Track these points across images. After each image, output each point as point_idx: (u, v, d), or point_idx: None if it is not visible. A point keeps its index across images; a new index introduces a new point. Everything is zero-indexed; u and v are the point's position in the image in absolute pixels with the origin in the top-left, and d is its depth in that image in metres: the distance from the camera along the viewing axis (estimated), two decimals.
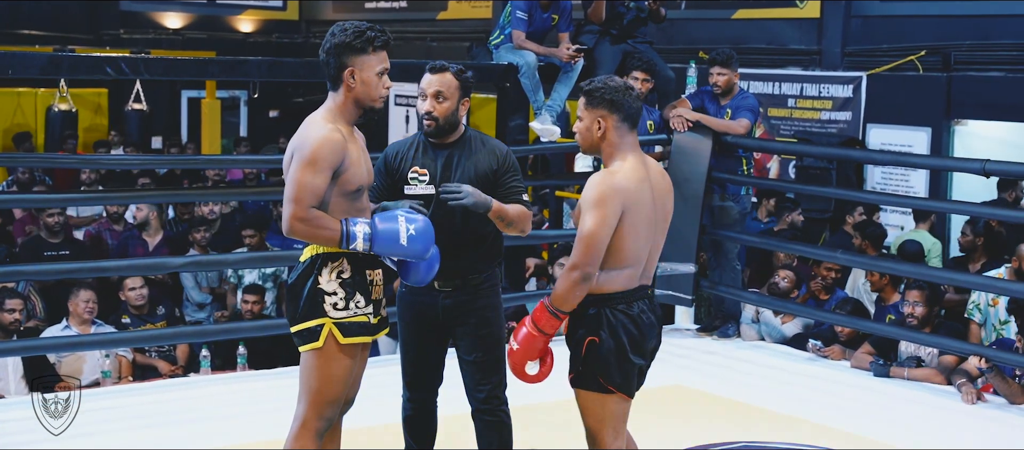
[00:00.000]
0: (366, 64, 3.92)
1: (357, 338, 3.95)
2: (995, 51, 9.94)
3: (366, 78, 3.92)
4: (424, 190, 4.40)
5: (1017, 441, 5.70)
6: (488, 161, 4.43)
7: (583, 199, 3.95)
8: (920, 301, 6.53)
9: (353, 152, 3.91)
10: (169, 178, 12.04)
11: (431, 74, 4.43)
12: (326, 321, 3.91)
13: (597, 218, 3.86)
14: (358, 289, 3.95)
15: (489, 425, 4.51)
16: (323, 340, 3.90)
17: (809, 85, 11.02)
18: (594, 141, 4.00)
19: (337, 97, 3.96)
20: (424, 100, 4.41)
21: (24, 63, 7.03)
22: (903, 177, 10.38)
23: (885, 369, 6.60)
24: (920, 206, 9.19)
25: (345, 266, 3.93)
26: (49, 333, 7.11)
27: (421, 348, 4.55)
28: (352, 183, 3.89)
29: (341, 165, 3.85)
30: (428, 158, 4.44)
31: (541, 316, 3.96)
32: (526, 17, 7.73)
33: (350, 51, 3.91)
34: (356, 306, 3.94)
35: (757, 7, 11.74)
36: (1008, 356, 6.24)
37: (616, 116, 3.97)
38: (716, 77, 7.41)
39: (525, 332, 4.00)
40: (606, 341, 3.95)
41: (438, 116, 4.39)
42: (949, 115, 10.23)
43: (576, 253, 3.88)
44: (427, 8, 16.21)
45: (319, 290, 3.91)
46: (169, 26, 17.47)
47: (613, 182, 3.91)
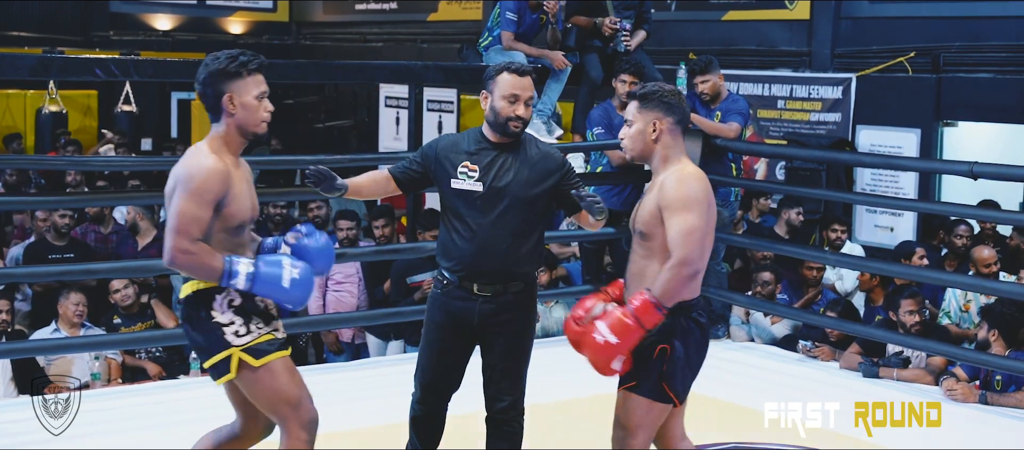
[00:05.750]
0: (243, 88, 3.87)
1: (273, 356, 3.90)
2: (984, 52, 9.97)
3: (246, 103, 3.87)
4: (471, 186, 4.34)
5: (1011, 441, 5.72)
6: (542, 168, 4.38)
7: (669, 198, 3.88)
8: (915, 309, 6.57)
9: (237, 185, 3.85)
10: (161, 179, 12.02)
11: (520, 77, 4.35)
12: (232, 351, 3.85)
13: (699, 214, 3.83)
14: (253, 312, 3.91)
15: (504, 433, 4.48)
16: (235, 370, 3.86)
17: (799, 86, 11.04)
18: (648, 144, 3.98)
19: (219, 127, 3.90)
20: (514, 104, 4.32)
21: (13, 64, 7.04)
22: (892, 178, 10.40)
23: (874, 370, 6.62)
24: (909, 207, 9.22)
25: (234, 295, 3.88)
26: (38, 335, 7.10)
27: (448, 352, 4.47)
28: (235, 218, 3.84)
29: (225, 198, 3.79)
30: (481, 156, 4.37)
31: (645, 310, 3.83)
32: (515, 18, 7.74)
33: (225, 77, 3.86)
34: (257, 328, 3.90)
35: (747, 9, 11.76)
36: (987, 358, 6.26)
37: (671, 118, 3.96)
38: (701, 86, 7.44)
39: (625, 324, 3.83)
40: (677, 350, 3.89)
41: (528, 121, 4.38)
42: (938, 116, 10.25)
43: (685, 249, 3.81)
44: (417, 9, 16.21)
45: (215, 324, 3.86)
46: (159, 28, 17.44)
47: (703, 182, 3.90)
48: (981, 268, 7.10)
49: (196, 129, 15.20)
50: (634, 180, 7.61)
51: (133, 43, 16.19)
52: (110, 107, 14.72)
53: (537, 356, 4.52)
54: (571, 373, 6.84)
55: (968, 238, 8.14)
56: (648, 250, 3.98)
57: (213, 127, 3.92)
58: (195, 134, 15.17)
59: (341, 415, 5.87)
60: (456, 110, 11.37)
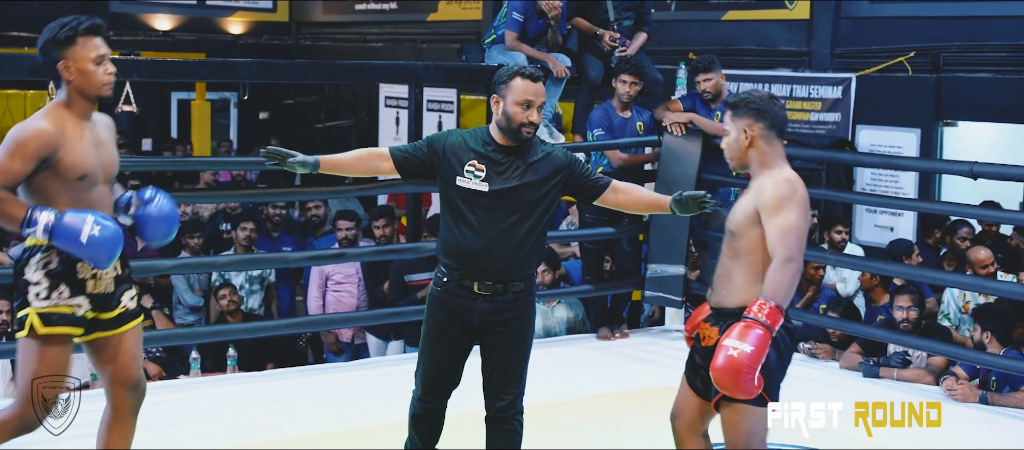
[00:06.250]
0: (77, 54, 4.02)
1: (59, 328, 4.01)
2: (985, 52, 9.96)
3: (82, 68, 4.02)
4: (477, 186, 4.35)
5: (1011, 441, 5.72)
6: (547, 168, 4.40)
7: (766, 200, 3.93)
8: (912, 305, 6.56)
9: (73, 143, 3.96)
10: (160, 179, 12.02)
11: (533, 83, 4.35)
12: (29, 311, 3.99)
13: (797, 214, 3.88)
14: (64, 280, 4.01)
15: (504, 432, 4.49)
16: (27, 329, 3.99)
17: (798, 86, 11.04)
18: (743, 151, 4.04)
19: (61, 92, 4.06)
20: (528, 109, 4.33)
21: (13, 65, 7.03)
22: (892, 178, 10.40)
23: (875, 369, 6.62)
24: (909, 207, 9.20)
25: (53, 258, 4.00)
26: None
27: (448, 349, 4.49)
28: (73, 171, 3.96)
29: (54, 155, 3.92)
30: (488, 156, 4.38)
31: (774, 315, 3.82)
32: (522, 19, 7.74)
33: (58, 45, 4.02)
34: (59, 296, 4.00)
35: (746, 8, 11.75)
36: (985, 357, 6.26)
37: (762, 124, 4.00)
38: (703, 83, 7.44)
39: (758, 334, 3.78)
40: (771, 354, 3.87)
41: (539, 125, 4.39)
42: (938, 116, 10.24)
43: (786, 247, 3.85)
44: (417, 9, 16.20)
45: (25, 281, 4.01)
46: (159, 28, 17.43)
47: (799, 186, 3.94)
48: (978, 269, 7.10)
49: (196, 129, 15.20)
50: (634, 180, 7.61)
51: (133, 43, 16.17)
52: (109, 107, 14.71)
53: (537, 356, 4.53)
54: (571, 373, 6.87)
55: (970, 240, 8.12)
56: (734, 251, 4.03)
57: (57, 92, 4.09)
58: (195, 134, 15.17)
59: (341, 415, 5.88)
60: (456, 110, 11.37)
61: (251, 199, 10.61)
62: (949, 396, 6.19)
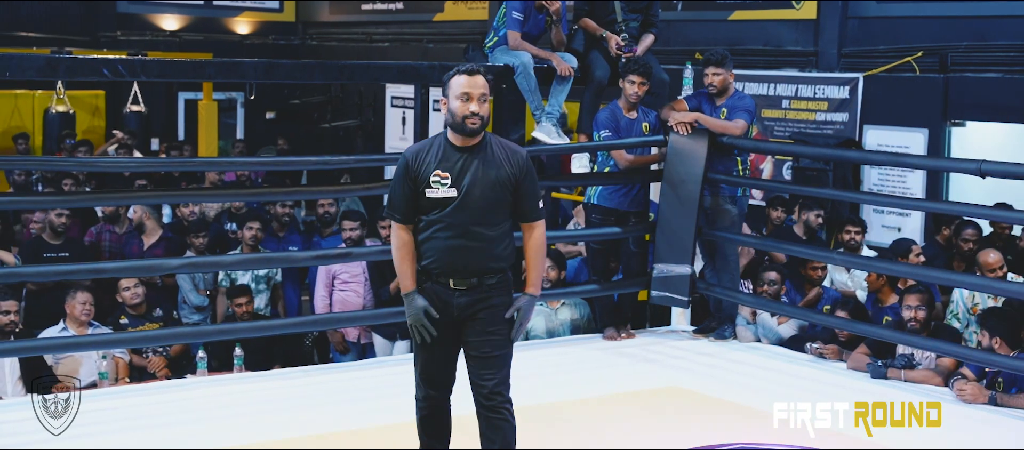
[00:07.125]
0: None
1: None
2: (992, 52, 9.94)
3: None
4: (446, 193, 4.55)
5: (1011, 441, 5.70)
6: (507, 168, 4.60)
7: None
8: (921, 304, 6.54)
9: None
10: (167, 179, 12.03)
11: (470, 77, 4.55)
12: None
13: None
14: None
15: (492, 423, 4.56)
16: None
17: (805, 86, 11.02)
18: None
19: None
20: (467, 102, 4.52)
21: (21, 65, 7.04)
22: (900, 178, 10.38)
23: (882, 370, 6.60)
24: (917, 207, 9.18)
25: None
26: (46, 334, 7.11)
27: (437, 343, 4.63)
28: None
29: None
30: (449, 162, 4.56)
31: None
32: (522, 17, 7.72)
33: None
34: None
35: (753, 8, 11.74)
36: (994, 358, 6.24)
37: None
38: (711, 77, 7.41)
39: None
40: None
41: (485, 117, 4.54)
42: (946, 117, 10.23)
43: None
44: (423, 10, 16.21)
45: None
46: (166, 28, 17.46)
47: None
48: (986, 272, 7.07)
49: (203, 129, 15.21)
50: (640, 180, 7.61)
51: (140, 43, 16.21)
52: (117, 107, 14.73)
53: (544, 356, 4.55)
54: (571, 373, 6.87)
55: (974, 242, 8.10)
56: None
57: None
58: (202, 134, 15.18)
59: (347, 414, 5.89)
60: None
61: (256, 198, 10.62)
62: (959, 397, 6.17)
